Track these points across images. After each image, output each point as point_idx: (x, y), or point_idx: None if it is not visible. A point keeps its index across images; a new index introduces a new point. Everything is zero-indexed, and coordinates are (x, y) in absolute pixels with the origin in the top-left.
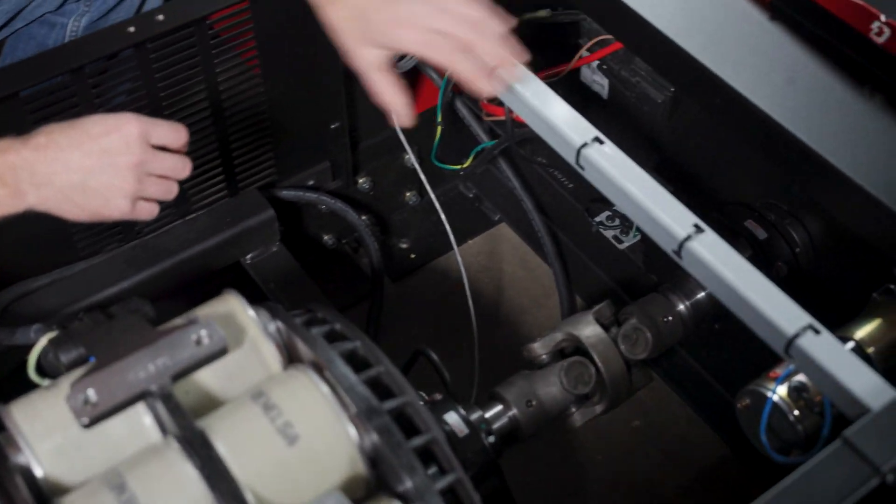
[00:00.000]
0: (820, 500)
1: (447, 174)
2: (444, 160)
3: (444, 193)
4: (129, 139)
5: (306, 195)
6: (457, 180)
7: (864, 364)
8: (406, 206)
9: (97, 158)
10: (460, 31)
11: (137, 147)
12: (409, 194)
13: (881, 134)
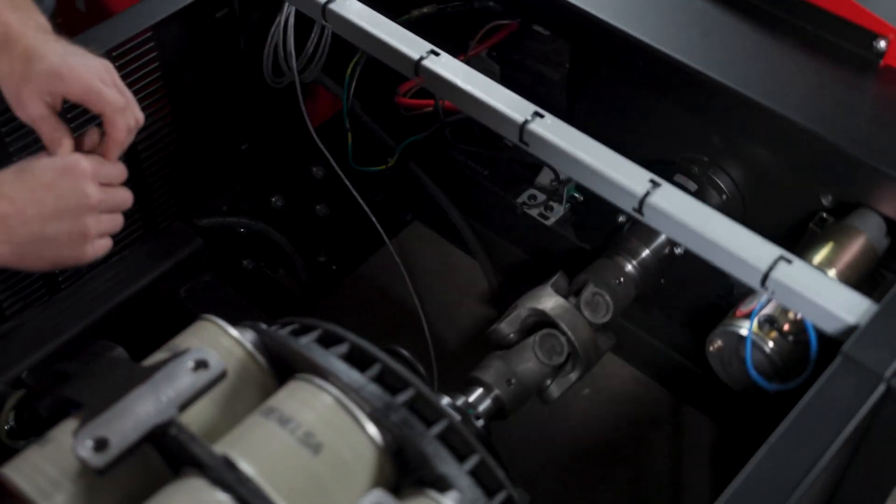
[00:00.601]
0: (836, 414)
1: (371, 175)
2: (366, 163)
3: (349, 203)
4: (82, 182)
5: (227, 220)
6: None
7: (840, 284)
8: (318, 219)
9: (53, 207)
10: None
11: (91, 188)
12: (318, 207)
13: (798, 71)
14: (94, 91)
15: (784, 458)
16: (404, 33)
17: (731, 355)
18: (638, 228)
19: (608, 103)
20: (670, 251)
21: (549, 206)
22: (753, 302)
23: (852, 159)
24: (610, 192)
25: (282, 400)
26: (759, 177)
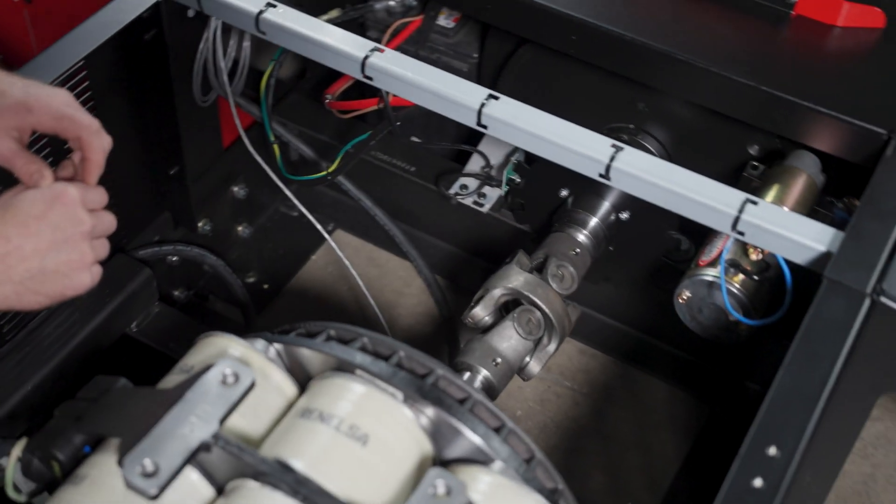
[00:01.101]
0: (834, 333)
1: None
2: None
3: (268, 220)
4: (74, 209)
5: (164, 249)
6: (276, 204)
7: (806, 218)
8: (241, 239)
9: (50, 238)
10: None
11: (84, 214)
12: (240, 228)
13: (716, 27)
14: (67, 117)
15: (800, 376)
16: (344, 34)
17: (700, 304)
18: (582, 199)
19: (531, 82)
20: (616, 217)
21: (483, 194)
22: (714, 250)
23: (783, 101)
24: (575, 162)
25: (316, 399)
26: (686, 136)
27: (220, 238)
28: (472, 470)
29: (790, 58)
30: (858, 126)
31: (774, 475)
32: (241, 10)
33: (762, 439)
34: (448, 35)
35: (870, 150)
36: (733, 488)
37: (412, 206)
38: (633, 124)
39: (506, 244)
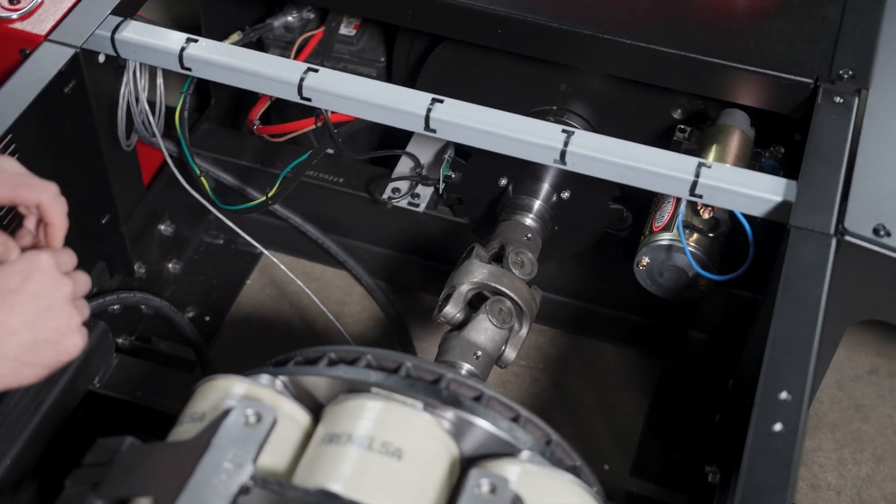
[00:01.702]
0: (812, 277)
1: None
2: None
3: (195, 252)
4: (50, 272)
5: (107, 300)
6: (199, 235)
7: (757, 173)
8: (173, 276)
9: (34, 307)
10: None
11: (61, 277)
12: (171, 265)
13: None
14: (23, 185)
15: (792, 321)
16: (273, 59)
17: (660, 267)
18: (522, 185)
19: (452, 78)
20: (558, 197)
21: (416, 194)
22: (665, 215)
23: (711, 65)
24: (529, 152)
25: (339, 423)
26: (610, 109)
27: (154, 279)
28: (502, 463)
29: (707, 22)
30: (787, 79)
31: (791, 418)
32: (163, 50)
33: (772, 386)
34: (352, 43)
35: (798, 100)
36: (757, 438)
37: (343, 217)
38: (556, 106)
39: (441, 239)
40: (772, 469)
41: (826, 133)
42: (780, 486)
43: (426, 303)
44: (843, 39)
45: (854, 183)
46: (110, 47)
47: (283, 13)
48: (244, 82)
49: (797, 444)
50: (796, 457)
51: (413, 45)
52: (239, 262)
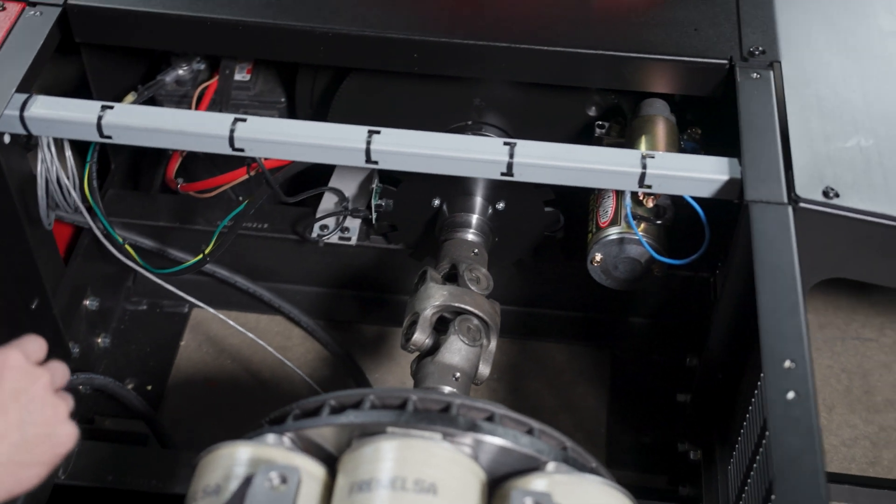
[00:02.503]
0: (780, 247)
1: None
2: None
3: (121, 322)
4: (23, 366)
5: None
6: (121, 304)
7: (700, 156)
8: (104, 351)
9: (15, 404)
10: None
11: (33, 368)
12: (100, 340)
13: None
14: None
15: (776, 292)
16: (197, 115)
17: (614, 261)
18: (456, 203)
19: (365, 107)
20: (493, 209)
21: (345, 228)
22: (609, 211)
23: (630, 60)
24: (475, 170)
25: (362, 470)
26: (525, 115)
27: (86, 356)
28: (530, 479)
29: (610, 19)
30: (703, 62)
31: (800, 384)
32: (78, 121)
33: (776, 356)
34: (248, 88)
35: (716, 81)
36: (774, 409)
37: (271, 262)
38: (471, 121)
39: (375, 269)
40: (797, 436)
41: (754, 108)
42: (808, 451)
43: (367, 334)
44: (744, 19)
45: (793, 151)
46: (20, 126)
47: (173, 67)
48: (170, 142)
49: (813, 408)
50: (816, 421)
51: (316, 80)
52: (168, 325)
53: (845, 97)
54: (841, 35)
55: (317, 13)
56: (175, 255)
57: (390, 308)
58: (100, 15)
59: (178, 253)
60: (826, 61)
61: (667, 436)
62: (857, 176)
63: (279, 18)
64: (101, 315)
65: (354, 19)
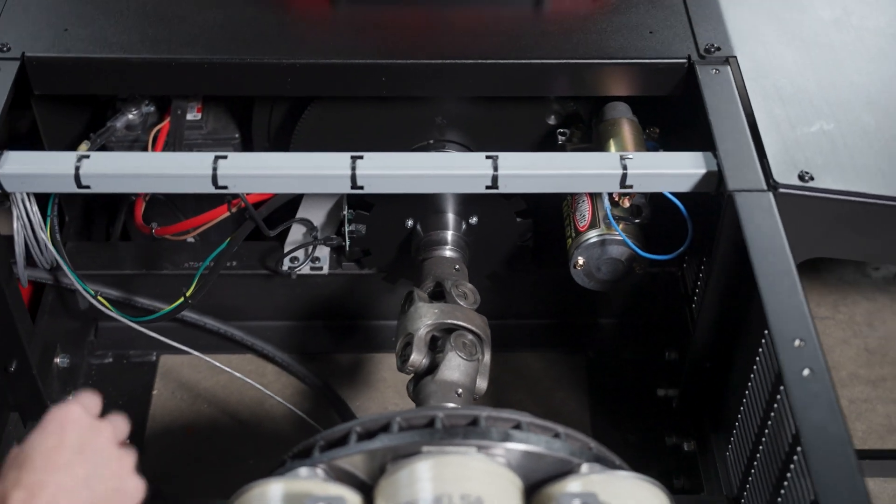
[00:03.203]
0: (770, 233)
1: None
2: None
3: (88, 378)
4: (84, 419)
5: None
6: (85, 359)
7: (676, 153)
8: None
9: (81, 459)
10: None
11: (95, 421)
12: (71, 397)
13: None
14: None
15: (776, 276)
16: (176, 156)
17: (596, 263)
18: (429, 222)
19: (328, 134)
20: (467, 224)
21: (316, 258)
22: (586, 214)
23: (594, 66)
24: (459, 185)
25: (404, 492)
26: (486, 130)
27: None
28: (568, 482)
29: (565, 28)
30: (663, 63)
31: (814, 361)
32: (54, 174)
33: (785, 337)
34: (201, 126)
35: (676, 81)
36: (794, 388)
37: (237, 301)
38: (432, 139)
39: (346, 296)
40: (820, 411)
41: (720, 103)
42: (833, 422)
43: (342, 364)
44: (694, 19)
45: (764, 140)
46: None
47: (122, 112)
48: (150, 186)
49: (829, 382)
50: (835, 394)
51: (273, 112)
52: (138, 375)
53: (801, 85)
54: (787, 27)
55: (282, 46)
56: (143, 304)
57: (363, 335)
58: (58, 65)
59: (147, 301)
60: (778, 53)
61: (652, 431)
62: (826, 158)
63: (243, 55)
64: (70, 372)
65: (318, 50)
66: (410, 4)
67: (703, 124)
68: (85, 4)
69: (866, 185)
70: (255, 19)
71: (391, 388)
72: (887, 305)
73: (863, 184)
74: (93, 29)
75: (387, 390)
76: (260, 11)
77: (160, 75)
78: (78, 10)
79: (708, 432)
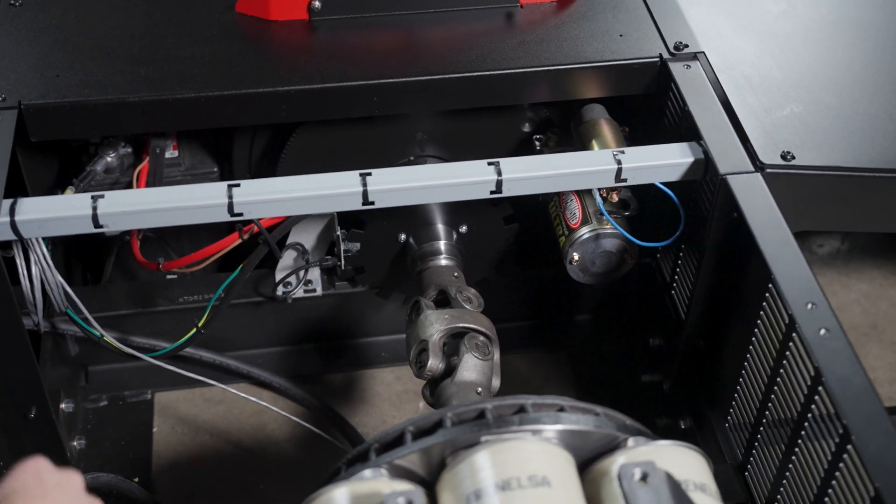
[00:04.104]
0: (767, 211)
1: None
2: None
3: (86, 421)
4: (53, 468)
5: None
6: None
7: (664, 145)
8: (79, 453)
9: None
10: None
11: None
12: (75, 443)
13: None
14: None
15: (777, 246)
16: (190, 189)
17: (591, 257)
18: (420, 234)
19: (313, 159)
20: (457, 233)
21: (308, 281)
22: (576, 212)
23: (569, 71)
24: (467, 192)
25: (472, 481)
26: (463, 142)
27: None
28: (617, 456)
29: (540, 37)
30: (638, 63)
31: (828, 321)
32: (71, 217)
33: (798, 301)
34: (179, 164)
35: (649, 80)
36: (816, 348)
37: (228, 332)
38: (413, 156)
39: (334, 316)
40: (842, 365)
41: (698, 96)
42: (857, 376)
43: (335, 383)
44: (658, 20)
45: (744, 125)
46: (10, 233)
47: (100, 156)
48: (167, 219)
49: (845, 339)
50: (853, 351)
51: (255, 142)
52: (136, 415)
53: (765, 73)
54: (741, 22)
55: (275, 75)
56: (140, 343)
57: (353, 353)
58: (55, 111)
59: (143, 339)
60: (739, 46)
61: (643, 415)
62: (802, 138)
63: (239, 87)
64: (72, 418)
65: (312, 75)
66: (388, 27)
67: (684, 116)
68: (72, 51)
69: (842, 159)
70: (242, 53)
71: (387, 402)
72: (835, 279)
73: (838, 158)
74: (84, 73)
75: (382, 405)
76: (245, 45)
77: (158, 113)
78: (66, 56)
79: (704, 408)
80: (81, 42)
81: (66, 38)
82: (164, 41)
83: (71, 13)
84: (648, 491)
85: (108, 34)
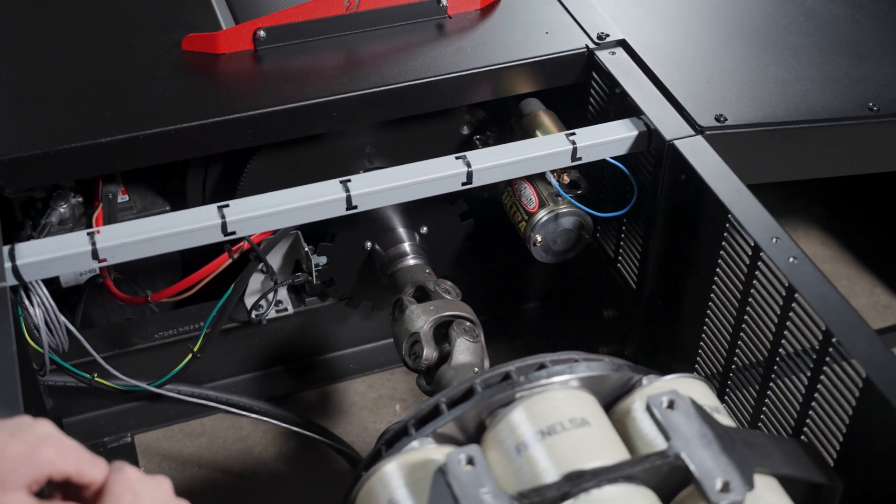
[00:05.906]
0: (716, 166)
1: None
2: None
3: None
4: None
5: None
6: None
7: (610, 122)
8: None
9: None
10: None
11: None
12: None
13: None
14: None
15: (741, 203)
16: (182, 214)
17: (553, 237)
18: (385, 240)
19: (270, 180)
20: (419, 234)
21: (278, 301)
22: (533, 197)
23: (506, 69)
24: (442, 187)
25: (517, 433)
26: (409, 149)
27: None
28: (636, 395)
29: (468, 42)
30: (568, 55)
31: (793, 250)
32: (70, 255)
33: (764, 236)
34: (132, 206)
35: (578, 70)
36: (790, 273)
37: (201, 363)
38: (362, 169)
39: (302, 334)
40: (820, 286)
41: (630, 77)
42: (832, 293)
43: (310, 399)
44: (575, 14)
45: (677, 97)
46: (13, 278)
47: (52, 207)
48: (163, 246)
49: (816, 266)
50: (841, 295)
51: (209, 172)
52: (119, 459)
53: (682, 52)
54: (646, 8)
55: (239, 102)
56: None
57: (324, 368)
58: (29, 162)
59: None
60: (652, 31)
61: None
62: (727, 102)
63: (209, 117)
64: None
65: (272, 99)
66: (331, 49)
67: (614, 98)
68: (32, 101)
69: (764, 116)
70: (200, 86)
71: (364, 410)
72: None
73: (766, 114)
74: (50, 121)
75: (360, 413)
76: (200, 78)
77: (131, 151)
78: (29, 107)
79: (670, 366)
80: (40, 93)
81: (24, 92)
82: (120, 83)
83: (21, 67)
84: (679, 415)
85: (63, 83)
